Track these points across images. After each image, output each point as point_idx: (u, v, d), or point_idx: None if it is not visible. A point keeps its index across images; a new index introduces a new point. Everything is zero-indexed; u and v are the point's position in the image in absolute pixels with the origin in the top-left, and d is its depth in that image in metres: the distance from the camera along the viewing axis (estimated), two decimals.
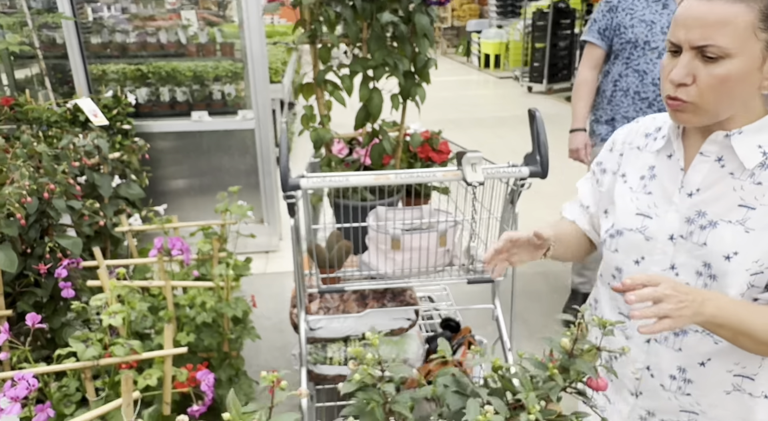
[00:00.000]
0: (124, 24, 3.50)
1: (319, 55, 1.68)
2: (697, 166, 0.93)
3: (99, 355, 1.25)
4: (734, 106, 0.86)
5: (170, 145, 3.48)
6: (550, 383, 0.78)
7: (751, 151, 0.88)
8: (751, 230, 0.87)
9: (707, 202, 0.92)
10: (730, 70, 0.82)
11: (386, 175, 1.47)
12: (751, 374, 0.94)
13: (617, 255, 1.04)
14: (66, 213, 1.77)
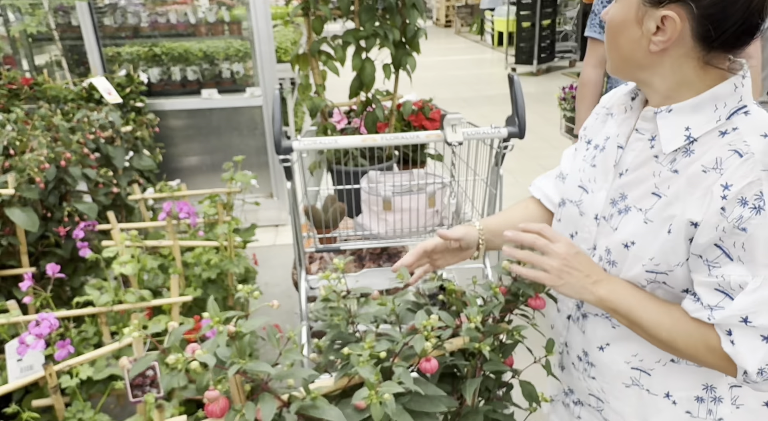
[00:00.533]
0: (136, 5, 3.61)
1: (313, 26, 1.78)
2: (632, 145, 0.86)
3: (112, 301, 1.39)
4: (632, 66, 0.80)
5: (182, 123, 3.61)
6: (496, 302, 0.88)
7: (674, 134, 0.78)
8: (649, 221, 0.80)
9: (630, 184, 0.85)
10: (613, 13, 0.79)
11: (372, 138, 1.57)
12: (647, 369, 0.88)
13: (560, 225, 0.99)
14: (81, 180, 1.91)
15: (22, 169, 1.63)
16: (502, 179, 1.75)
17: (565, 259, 0.82)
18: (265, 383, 0.79)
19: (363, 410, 0.80)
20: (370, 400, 0.73)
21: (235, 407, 0.75)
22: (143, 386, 1.32)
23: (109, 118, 2.27)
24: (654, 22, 0.73)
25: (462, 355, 0.94)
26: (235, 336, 0.77)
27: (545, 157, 4.76)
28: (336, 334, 0.91)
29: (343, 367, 0.86)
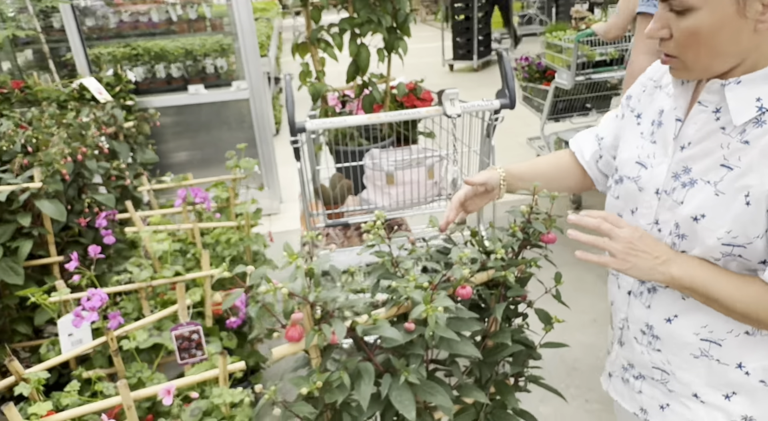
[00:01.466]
0: (115, 6, 3.65)
1: (312, 16, 1.90)
2: (694, 117, 0.83)
3: (152, 276, 1.51)
4: (727, 58, 0.77)
5: (170, 120, 3.68)
6: (514, 239, 1.05)
7: (745, 105, 0.76)
8: (720, 193, 0.79)
9: (695, 157, 0.83)
10: (698, 24, 0.74)
11: (377, 116, 1.71)
12: (718, 340, 0.86)
13: (618, 202, 0.98)
14: (98, 173, 2.01)
15: (48, 163, 1.72)
16: (494, 150, 1.92)
17: (630, 242, 0.82)
18: (331, 313, 0.93)
19: (411, 332, 0.96)
20: (427, 313, 0.88)
21: (313, 328, 0.90)
22: (189, 349, 1.45)
23: (113, 113, 2.36)
24: (759, 3, 0.71)
25: (486, 287, 1.10)
26: (308, 273, 0.91)
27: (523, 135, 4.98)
28: (383, 273, 1.06)
29: (391, 299, 1.01)
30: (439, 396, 0.97)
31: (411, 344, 0.98)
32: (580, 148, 1.12)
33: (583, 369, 2.23)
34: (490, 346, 1.13)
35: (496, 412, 1.14)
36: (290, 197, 4.10)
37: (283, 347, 0.92)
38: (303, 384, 0.91)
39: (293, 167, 1.78)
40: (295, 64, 2.11)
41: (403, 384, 0.94)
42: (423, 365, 0.98)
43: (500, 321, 1.10)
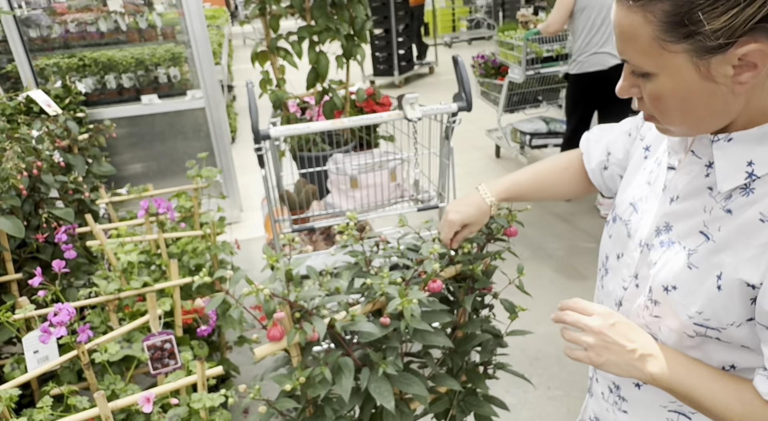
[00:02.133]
0: (60, 16, 3.55)
1: (270, 24, 1.93)
2: (686, 168, 0.73)
3: (120, 288, 1.50)
4: (709, 120, 0.66)
5: (124, 131, 3.61)
6: (480, 233, 1.11)
7: (734, 168, 0.66)
8: (693, 267, 0.69)
9: (678, 215, 0.73)
10: (661, 89, 0.65)
11: (341, 121, 1.76)
12: (688, 412, 0.79)
13: (609, 242, 0.88)
14: (55, 187, 1.96)
15: (4, 179, 1.67)
16: (452, 151, 1.99)
17: (600, 333, 0.73)
18: (310, 312, 0.97)
19: (387, 326, 1.01)
20: (402, 306, 0.93)
21: (294, 327, 0.93)
22: (162, 359, 1.45)
23: (67, 126, 2.30)
24: (729, 64, 0.59)
25: (455, 281, 1.17)
26: (287, 274, 0.95)
27: (476, 138, 5.13)
28: (357, 272, 1.10)
29: (367, 296, 1.05)
30: (415, 386, 1.03)
31: (387, 338, 1.03)
32: (588, 152, 1.02)
33: (544, 359, 2.33)
34: (460, 336, 1.19)
35: (467, 399, 1.20)
36: (250, 206, 4.08)
37: (265, 346, 0.95)
38: (286, 381, 0.94)
39: (252, 176, 1.81)
40: (248, 72, 2.13)
41: (381, 376, 0.99)
42: (399, 358, 1.03)
43: (469, 312, 1.17)
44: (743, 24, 0.56)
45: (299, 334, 0.92)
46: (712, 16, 0.56)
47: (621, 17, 0.64)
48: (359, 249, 1.10)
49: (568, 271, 2.97)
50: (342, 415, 1.03)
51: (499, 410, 1.22)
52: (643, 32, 0.62)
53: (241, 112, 6.71)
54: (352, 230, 1.07)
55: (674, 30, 0.59)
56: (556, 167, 1.05)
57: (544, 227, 3.47)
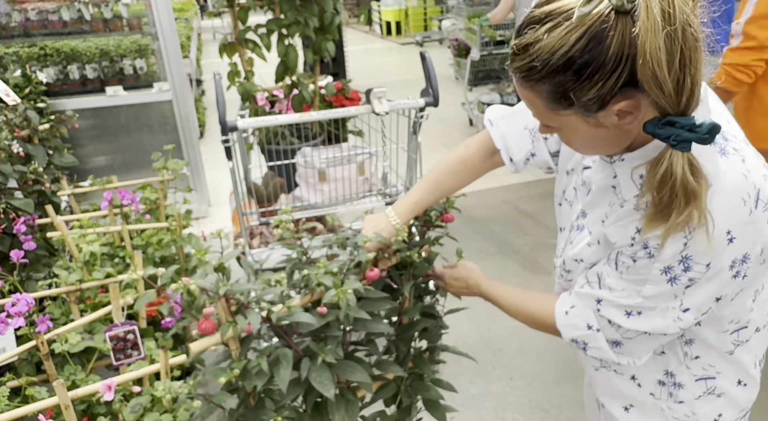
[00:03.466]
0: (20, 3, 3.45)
1: (238, 16, 1.92)
2: (599, 168, 0.88)
3: (82, 279, 1.48)
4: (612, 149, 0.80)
5: (87, 123, 3.52)
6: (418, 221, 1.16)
7: (630, 180, 0.80)
8: (592, 245, 0.88)
9: (591, 205, 0.89)
10: (567, 138, 0.80)
11: (309, 114, 1.76)
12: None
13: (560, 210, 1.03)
14: (13, 177, 1.91)
15: None
16: (420, 146, 2.02)
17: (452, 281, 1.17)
18: (246, 304, 0.97)
19: (324, 316, 1.02)
20: (337, 297, 0.95)
21: (228, 320, 0.93)
22: (125, 350, 1.43)
23: (26, 115, 2.25)
24: (612, 115, 0.71)
25: (396, 269, 1.19)
26: (219, 268, 0.95)
27: (444, 136, 5.19)
28: (294, 264, 1.11)
29: (305, 287, 1.06)
30: (357, 373, 1.04)
31: (327, 327, 1.04)
32: (507, 147, 1.10)
33: (507, 351, 2.39)
34: (404, 323, 1.23)
35: (415, 384, 1.24)
36: (218, 201, 4.04)
37: (200, 341, 0.94)
38: (221, 374, 0.94)
39: (221, 171, 1.80)
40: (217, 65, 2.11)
41: (321, 365, 1.00)
42: (340, 346, 1.04)
43: (412, 299, 1.20)
44: (609, 91, 0.68)
45: (232, 327, 0.92)
46: (583, 92, 0.69)
47: (520, 89, 0.76)
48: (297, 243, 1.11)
49: (532, 266, 3.04)
50: (283, 405, 1.03)
51: (464, 400, 1.25)
52: (538, 103, 0.75)
53: (210, 106, 6.62)
54: (287, 224, 1.08)
55: (559, 102, 0.72)
56: (451, 171, 1.15)
57: (510, 223, 3.54)
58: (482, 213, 3.69)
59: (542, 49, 0.68)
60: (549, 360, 2.31)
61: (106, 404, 1.32)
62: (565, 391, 2.15)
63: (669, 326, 0.81)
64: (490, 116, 1.12)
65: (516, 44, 0.71)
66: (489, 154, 1.13)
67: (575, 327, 0.90)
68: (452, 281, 1.16)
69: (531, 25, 0.69)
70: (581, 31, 0.65)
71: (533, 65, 0.69)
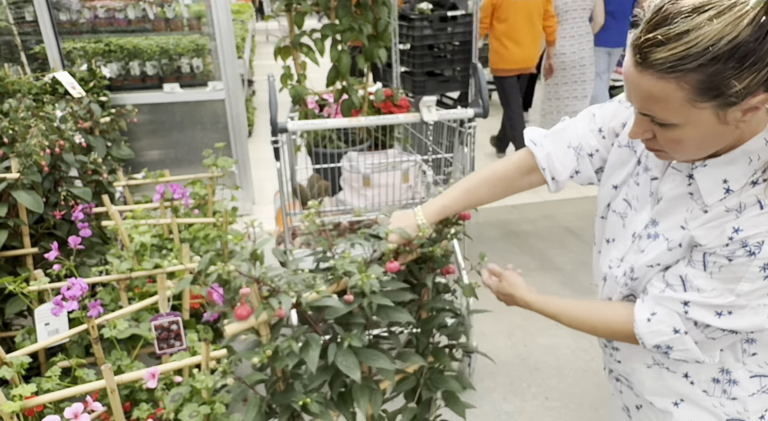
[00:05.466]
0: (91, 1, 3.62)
1: (295, 20, 1.96)
2: (669, 177, 0.89)
3: (132, 268, 1.53)
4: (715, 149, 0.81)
5: (144, 118, 3.66)
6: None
7: (714, 186, 0.81)
8: (673, 248, 0.87)
9: (662, 213, 0.89)
10: (683, 136, 0.77)
11: (358, 119, 1.78)
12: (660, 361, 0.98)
13: (605, 226, 1.04)
14: (75, 166, 2.01)
15: (27, 155, 1.72)
16: (467, 157, 2.01)
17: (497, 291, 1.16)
18: (278, 289, 1.00)
19: (351, 303, 1.05)
20: (362, 281, 0.97)
21: (261, 304, 0.96)
22: (168, 339, 1.48)
23: (90, 108, 2.36)
24: (740, 111, 0.72)
25: (416, 264, 1.21)
26: (253, 255, 0.98)
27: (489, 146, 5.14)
28: (321, 257, 1.15)
29: (332, 277, 1.09)
30: (380, 361, 1.08)
31: (352, 315, 1.08)
32: (551, 166, 1.09)
33: (544, 370, 2.33)
34: (424, 316, 1.26)
35: (434, 377, 1.26)
36: (262, 199, 4.12)
37: (234, 324, 0.99)
38: (253, 355, 0.99)
39: (266, 170, 1.84)
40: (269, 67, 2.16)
41: (346, 349, 1.04)
42: (364, 334, 1.09)
43: (432, 294, 1.22)
44: (757, 83, 0.68)
45: (266, 310, 0.96)
46: (738, 81, 0.68)
47: (649, 84, 0.73)
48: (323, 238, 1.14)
49: (573, 284, 2.97)
50: (312, 389, 1.07)
51: (496, 416, 1.25)
52: (676, 96, 0.72)
53: (260, 107, 6.77)
54: (312, 217, 1.12)
55: (704, 93, 0.71)
56: (485, 182, 1.15)
57: (552, 239, 3.47)
58: (524, 228, 3.63)
59: (705, 36, 0.67)
60: (587, 383, 2.24)
61: (147, 391, 1.36)
62: (602, 416, 2.08)
63: (762, 322, 0.81)
64: (531, 136, 1.12)
65: (663, 34, 0.69)
66: (526, 173, 1.13)
67: (660, 333, 0.89)
68: (499, 295, 1.16)
69: (680, 15, 0.68)
70: (751, 16, 0.65)
71: (689, 53, 0.68)
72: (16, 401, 1.01)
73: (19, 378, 1.15)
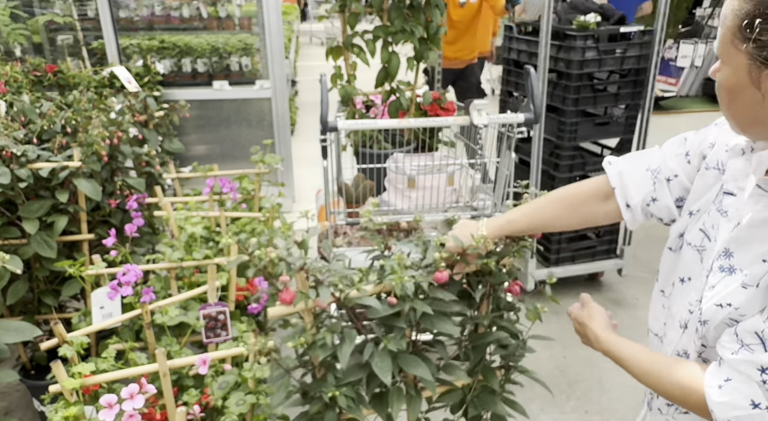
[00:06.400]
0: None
1: (348, 21, 1.99)
2: (753, 199, 0.76)
3: (183, 257, 1.58)
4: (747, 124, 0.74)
5: (193, 113, 3.76)
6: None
7: None
8: (748, 286, 0.74)
9: (741, 242, 0.76)
10: (723, 79, 0.73)
11: (408, 121, 1.79)
12: None
13: (677, 262, 0.90)
14: (131, 157, 2.08)
15: (90, 144, 1.79)
16: (513, 162, 1.99)
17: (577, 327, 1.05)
18: (322, 281, 1.01)
19: (394, 306, 1.04)
20: (395, 281, 0.98)
21: (301, 291, 0.98)
22: (215, 329, 1.51)
23: (146, 102, 2.44)
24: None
25: (475, 276, 1.19)
26: (301, 244, 0.99)
27: None
28: (375, 255, 1.15)
29: (379, 277, 1.09)
30: (420, 368, 1.06)
31: (396, 318, 1.07)
32: (623, 185, 0.99)
33: (584, 382, 2.28)
34: (479, 332, 1.22)
35: (482, 396, 1.23)
36: (302, 197, 4.17)
37: (277, 307, 1.01)
38: (290, 340, 1.00)
39: (306, 169, 1.86)
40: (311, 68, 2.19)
41: (383, 351, 1.04)
42: (404, 338, 1.07)
43: (488, 308, 1.19)
44: None
45: (305, 299, 0.97)
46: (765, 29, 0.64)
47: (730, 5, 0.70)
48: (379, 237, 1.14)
49: (619, 298, 2.89)
50: (345, 383, 1.07)
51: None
52: (728, 23, 0.70)
53: (302, 106, 6.86)
54: (370, 214, 1.12)
55: (742, 31, 0.67)
56: (556, 200, 1.07)
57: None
58: None
59: None
60: (629, 398, 2.18)
61: (193, 378, 1.40)
62: None
63: None
64: (609, 158, 1.04)
65: None
66: (600, 198, 1.02)
67: (734, 405, 0.73)
68: (576, 325, 1.04)
69: None
70: None
71: None
72: (77, 379, 1.05)
73: (78, 358, 1.19)
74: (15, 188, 1.67)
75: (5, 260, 1.10)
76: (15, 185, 1.65)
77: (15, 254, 1.63)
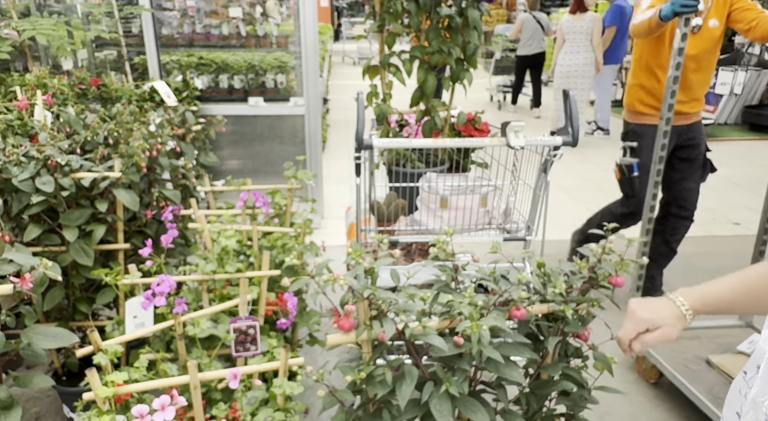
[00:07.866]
0: (191, 17, 3.88)
1: (386, 41, 2.01)
2: None
3: (216, 270, 1.59)
4: None
5: (228, 128, 3.84)
6: (577, 276, 1.08)
7: None
8: None
9: None
10: None
11: (443, 141, 1.78)
12: None
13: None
14: (168, 170, 2.12)
15: (130, 155, 1.84)
16: (548, 185, 1.96)
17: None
18: (385, 313, 0.99)
19: (459, 346, 1.00)
20: (471, 330, 0.93)
21: (365, 323, 0.96)
22: (245, 343, 1.51)
23: (185, 116, 2.49)
24: None
25: (546, 319, 1.13)
26: (368, 272, 0.97)
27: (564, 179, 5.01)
28: (443, 287, 1.11)
29: (445, 312, 1.06)
30: (479, 414, 1.01)
31: (459, 358, 1.02)
32: None
33: (615, 415, 2.20)
34: (542, 378, 1.15)
35: None
36: (331, 214, 4.19)
37: (337, 335, 0.98)
38: (349, 372, 0.97)
39: (336, 186, 1.87)
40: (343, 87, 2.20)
41: (443, 393, 0.99)
42: (467, 381, 1.02)
43: (556, 357, 1.13)
44: None
45: (367, 331, 0.94)
46: None
47: None
48: (449, 265, 1.11)
49: None
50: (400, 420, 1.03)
51: None
52: None
53: (333, 124, 6.94)
54: (445, 245, 1.09)
55: None
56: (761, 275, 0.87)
57: None
58: None
59: None
60: None
61: (222, 392, 1.39)
62: None
63: None
64: None
65: None
66: None
67: None
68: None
69: None
70: None
71: None
72: (110, 387, 1.06)
73: (111, 366, 1.20)
74: (57, 197, 1.71)
75: (48, 266, 1.12)
76: (58, 194, 1.70)
77: (54, 260, 1.67)
